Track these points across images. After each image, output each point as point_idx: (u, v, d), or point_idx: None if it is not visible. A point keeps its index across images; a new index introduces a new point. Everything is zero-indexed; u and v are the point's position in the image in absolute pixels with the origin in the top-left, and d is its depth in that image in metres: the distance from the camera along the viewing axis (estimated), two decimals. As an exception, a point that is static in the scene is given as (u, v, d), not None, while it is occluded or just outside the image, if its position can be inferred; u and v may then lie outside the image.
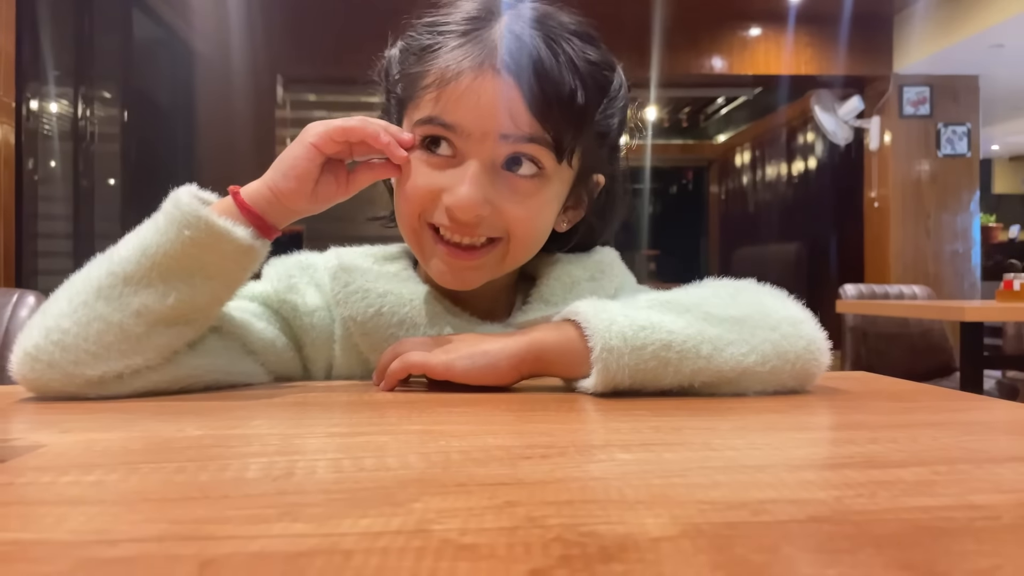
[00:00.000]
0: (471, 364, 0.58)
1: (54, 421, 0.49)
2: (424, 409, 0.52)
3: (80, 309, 0.58)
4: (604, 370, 0.54)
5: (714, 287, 0.65)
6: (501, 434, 0.43)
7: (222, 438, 0.42)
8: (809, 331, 0.60)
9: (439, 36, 0.67)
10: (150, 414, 0.51)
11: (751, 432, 0.45)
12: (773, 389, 0.58)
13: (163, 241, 0.59)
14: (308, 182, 0.64)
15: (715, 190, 8.46)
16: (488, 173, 0.65)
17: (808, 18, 4.93)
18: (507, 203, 0.66)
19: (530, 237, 0.69)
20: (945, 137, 5.18)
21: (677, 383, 0.56)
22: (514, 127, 0.64)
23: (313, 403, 0.56)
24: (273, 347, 0.69)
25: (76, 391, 0.57)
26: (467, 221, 0.65)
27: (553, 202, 0.70)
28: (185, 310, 0.60)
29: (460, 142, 0.65)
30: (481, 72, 0.64)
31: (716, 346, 0.56)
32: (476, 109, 0.64)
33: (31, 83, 3.24)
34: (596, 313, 0.57)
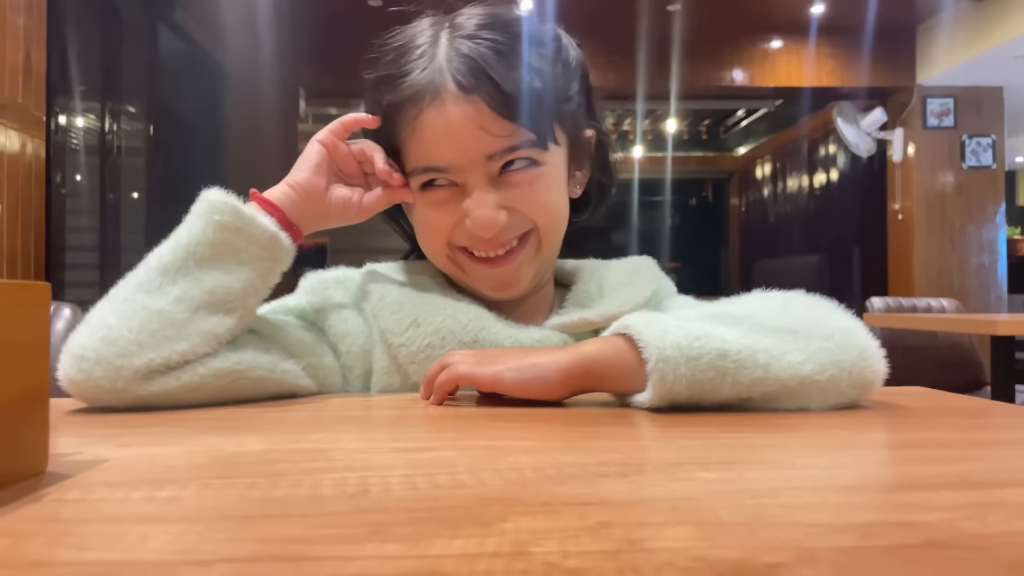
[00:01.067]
0: (520, 377, 0.57)
1: (111, 435, 0.48)
2: (480, 424, 0.51)
3: (121, 305, 0.60)
4: (660, 382, 0.53)
5: (762, 299, 0.64)
6: (568, 451, 0.42)
7: (286, 453, 0.41)
8: (862, 339, 0.59)
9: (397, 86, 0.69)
10: (205, 427, 0.50)
11: (828, 450, 0.43)
12: (834, 400, 0.56)
13: (195, 231, 0.63)
14: (321, 175, 0.69)
15: (735, 202, 8.42)
16: (490, 187, 0.68)
17: (830, 30, 4.90)
18: (519, 199, 0.69)
19: (553, 218, 0.72)
20: (970, 149, 5.12)
21: (735, 394, 0.55)
22: (494, 142, 0.67)
23: (367, 416, 0.55)
24: (313, 351, 0.70)
25: (124, 389, 0.57)
26: (492, 236, 0.69)
27: (557, 178, 0.72)
28: (223, 296, 0.62)
29: (455, 175, 0.69)
30: (440, 102, 0.66)
31: (772, 355, 0.55)
32: (451, 143, 0.67)
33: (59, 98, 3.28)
34: (648, 324, 0.56)
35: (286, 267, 0.67)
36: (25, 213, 2.31)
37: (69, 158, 3.48)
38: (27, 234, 2.32)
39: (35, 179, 2.38)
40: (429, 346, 0.69)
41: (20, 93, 2.29)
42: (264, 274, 0.65)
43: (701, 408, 0.55)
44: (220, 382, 0.60)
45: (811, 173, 6.74)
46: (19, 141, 2.29)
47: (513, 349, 0.63)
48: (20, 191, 2.29)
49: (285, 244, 0.66)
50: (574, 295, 0.77)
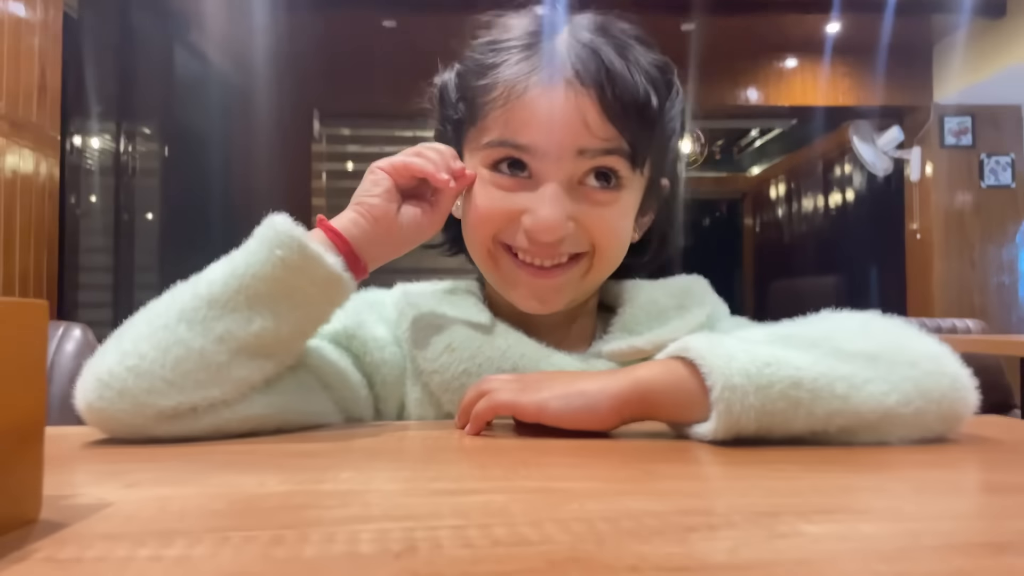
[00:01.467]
0: (566, 405, 0.52)
1: (118, 472, 0.43)
2: (528, 460, 0.45)
3: (160, 332, 0.53)
4: (726, 412, 0.48)
5: (837, 319, 0.57)
6: (638, 495, 0.36)
7: (314, 496, 0.36)
8: (952, 367, 0.52)
9: (501, 53, 0.65)
10: (222, 464, 0.45)
11: (938, 495, 0.38)
12: (918, 435, 0.50)
13: (253, 262, 0.56)
14: (392, 199, 0.62)
15: (749, 222, 8.35)
16: (567, 190, 0.63)
17: (845, 48, 4.86)
18: (588, 217, 0.63)
19: (613, 248, 0.66)
20: (988, 167, 5.06)
21: (809, 428, 0.49)
22: (592, 140, 0.61)
23: (399, 449, 0.50)
24: (347, 382, 0.64)
25: (143, 425, 0.52)
26: (550, 243, 0.62)
27: (630, 211, 0.67)
28: (269, 340, 0.56)
29: (535, 162, 0.63)
30: (551, 85, 0.62)
31: (852, 384, 0.49)
32: (549, 126, 0.61)
33: (75, 119, 3.28)
34: (711, 348, 0.50)
35: (340, 307, 0.61)
36: (38, 232, 2.29)
37: (84, 178, 3.46)
38: (40, 253, 2.29)
39: (48, 198, 2.36)
40: (464, 373, 0.63)
41: (35, 112, 2.27)
42: (316, 318, 0.59)
43: (767, 440, 0.49)
44: (245, 427, 0.55)
45: (827, 192, 6.67)
46: (33, 160, 2.27)
47: (557, 374, 0.57)
48: (34, 210, 2.27)
49: (346, 287, 0.59)
50: (621, 319, 0.70)
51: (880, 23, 4.34)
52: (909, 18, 4.34)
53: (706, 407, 0.49)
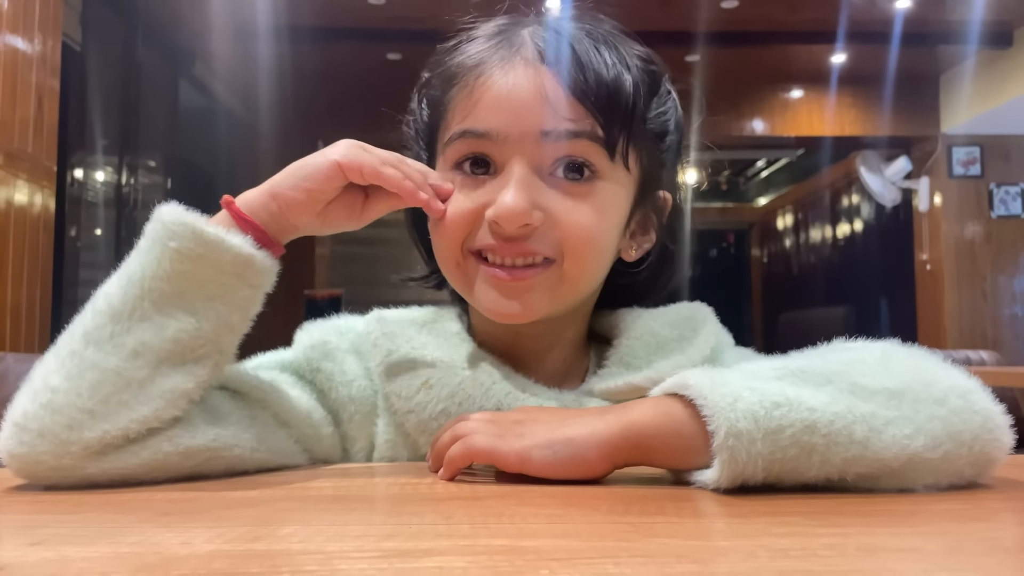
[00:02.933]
0: (551, 455, 0.46)
1: (26, 525, 0.38)
2: (501, 510, 0.40)
3: (68, 361, 0.48)
4: (731, 461, 0.42)
5: (852, 350, 0.51)
6: (622, 557, 0.30)
7: (240, 558, 0.31)
8: (983, 404, 0.46)
9: (463, 46, 0.61)
10: (152, 515, 0.39)
11: (975, 555, 0.32)
12: (947, 482, 0.45)
13: (148, 261, 0.50)
14: (320, 201, 0.55)
15: (757, 253, 8.30)
16: (534, 177, 0.56)
17: (851, 79, 4.85)
18: (559, 209, 0.56)
19: (589, 249, 0.58)
20: (998, 197, 5.01)
21: (825, 475, 0.43)
22: (556, 120, 0.55)
23: (358, 498, 0.44)
24: (308, 420, 0.58)
25: (72, 466, 0.47)
26: (515, 234, 0.55)
27: (612, 209, 0.59)
28: (191, 343, 0.50)
29: (498, 151, 0.57)
30: (511, 66, 0.57)
31: (872, 426, 0.43)
32: (509, 107, 0.56)
33: (77, 152, 3.27)
34: (714, 387, 0.44)
35: (267, 290, 0.54)
36: (32, 264, 2.25)
37: (85, 211, 3.45)
38: (33, 286, 2.26)
39: (44, 230, 2.33)
40: (443, 413, 0.57)
41: (31, 144, 2.25)
42: (241, 306, 0.53)
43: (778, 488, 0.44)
44: (189, 462, 0.50)
45: (834, 223, 6.63)
46: (28, 192, 2.24)
47: (539, 412, 0.51)
48: (28, 242, 2.24)
49: (262, 265, 0.52)
50: (617, 352, 0.63)
51: (886, 53, 4.33)
52: (915, 48, 4.33)
53: (707, 453, 0.44)
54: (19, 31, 2.22)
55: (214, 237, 0.50)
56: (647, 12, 4.01)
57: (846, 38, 4.17)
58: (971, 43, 4.22)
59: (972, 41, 4.19)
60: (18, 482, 0.49)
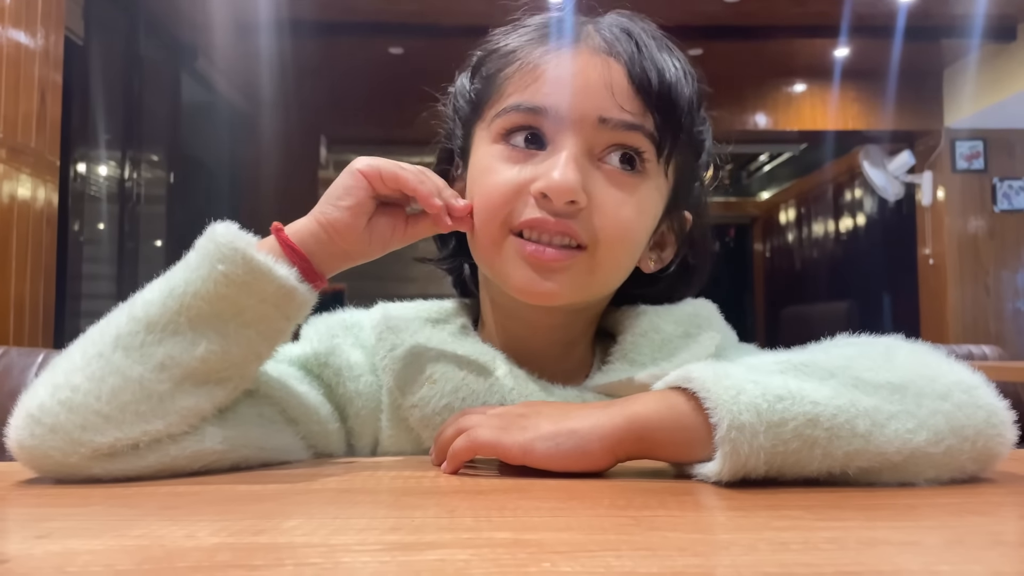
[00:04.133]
0: (554, 447, 0.46)
1: (32, 517, 0.38)
2: (505, 503, 0.40)
3: (94, 362, 0.48)
4: (733, 454, 0.42)
5: (856, 345, 0.51)
6: (624, 550, 0.31)
7: (244, 551, 0.31)
8: (987, 399, 0.46)
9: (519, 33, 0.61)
10: (156, 508, 0.40)
11: (977, 549, 0.32)
12: (948, 477, 0.45)
13: (193, 279, 0.50)
14: (361, 214, 0.55)
15: (759, 248, 8.29)
16: (585, 160, 0.56)
17: (854, 73, 4.84)
18: (604, 196, 0.57)
19: (624, 242, 0.58)
20: (1001, 192, 4.99)
21: (826, 468, 0.43)
22: (615, 110, 0.56)
23: (361, 491, 0.45)
24: (316, 416, 0.59)
25: (78, 464, 0.47)
26: (562, 210, 0.55)
27: (650, 209, 0.60)
28: (217, 365, 0.50)
29: (551, 129, 0.57)
30: (577, 50, 0.58)
31: (875, 420, 0.43)
32: (571, 88, 0.57)
33: (80, 146, 3.27)
34: (717, 380, 0.44)
35: (300, 323, 0.55)
36: (35, 259, 2.26)
37: (88, 206, 3.45)
38: (36, 280, 2.26)
39: (47, 224, 2.33)
40: (447, 408, 0.57)
41: (34, 138, 2.25)
42: (271, 336, 0.53)
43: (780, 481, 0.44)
44: (196, 464, 0.50)
45: (837, 218, 6.62)
46: (31, 186, 2.24)
47: (542, 405, 0.52)
48: (31, 236, 2.24)
49: (302, 299, 0.53)
50: (621, 348, 0.63)
51: (889, 48, 4.31)
52: (919, 42, 4.31)
53: (710, 446, 0.44)
54: (22, 25, 2.22)
55: (263, 265, 0.50)
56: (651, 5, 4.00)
57: (849, 32, 4.16)
58: (975, 37, 4.20)
59: (976, 35, 4.17)
60: (24, 477, 0.49)
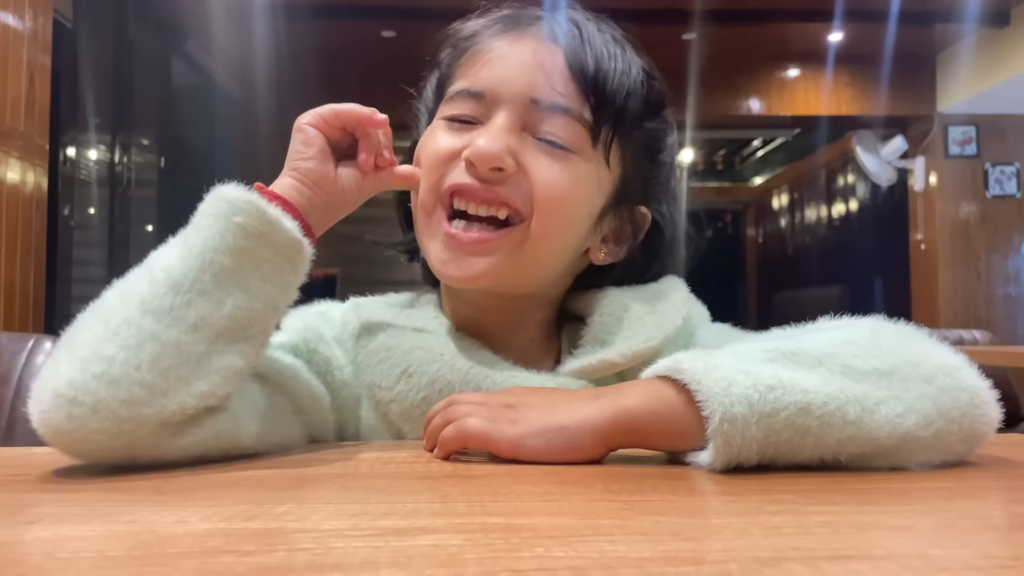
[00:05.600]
0: (545, 444, 0.46)
1: (22, 505, 0.38)
2: (496, 488, 0.40)
3: (123, 330, 0.45)
4: (726, 446, 0.42)
5: (841, 329, 0.51)
6: (616, 535, 0.31)
7: (235, 537, 0.31)
8: (970, 380, 0.47)
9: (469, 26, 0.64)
10: (147, 495, 0.40)
11: (967, 533, 0.32)
12: (939, 459, 0.45)
13: (211, 236, 0.49)
14: (327, 160, 0.58)
15: (752, 233, 8.30)
16: (515, 130, 0.59)
17: (848, 58, 4.82)
18: (534, 163, 0.58)
19: (558, 210, 0.59)
20: (993, 177, 5.00)
21: (818, 456, 0.44)
22: (548, 92, 0.59)
23: (354, 477, 0.44)
24: (319, 405, 0.59)
25: (125, 446, 0.45)
26: (487, 176, 0.57)
27: (585, 185, 0.61)
28: (244, 321, 0.49)
29: (488, 109, 0.60)
30: (519, 38, 0.61)
31: (864, 407, 0.43)
32: (507, 71, 0.60)
33: (69, 130, 3.24)
34: (707, 371, 0.44)
35: (302, 281, 0.54)
36: (25, 243, 2.24)
37: (78, 190, 3.42)
38: (26, 265, 2.25)
39: (37, 209, 2.31)
40: (424, 400, 0.57)
41: (22, 122, 2.23)
42: (286, 291, 0.53)
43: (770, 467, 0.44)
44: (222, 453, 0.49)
45: (830, 203, 6.62)
46: (20, 171, 2.22)
47: (531, 392, 0.51)
48: (20, 221, 2.22)
49: (307, 254, 0.53)
50: (591, 330, 0.63)
51: (883, 32, 4.30)
52: (912, 27, 4.30)
53: (701, 437, 0.44)
54: (9, 8, 2.19)
55: (275, 217, 0.51)
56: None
57: (843, 16, 4.15)
58: (968, 22, 4.19)
59: (969, 20, 4.17)
60: (10, 465, 0.49)
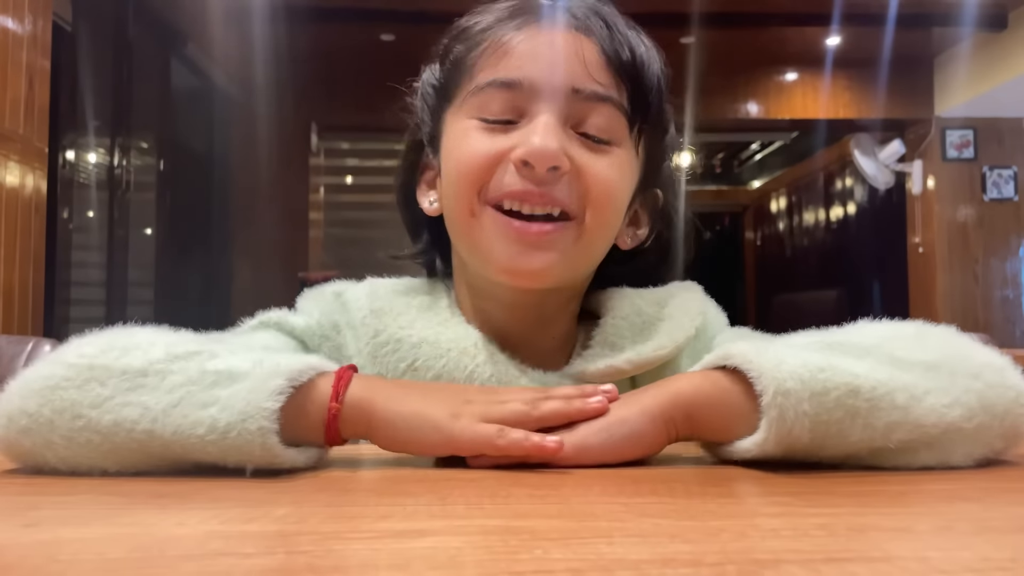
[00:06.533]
0: (608, 439, 0.45)
1: (20, 507, 0.38)
2: (496, 490, 0.40)
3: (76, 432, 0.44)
4: (779, 420, 0.43)
5: (885, 327, 0.52)
6: (615, 537, 0.31)
7: (234, 539, 0.31)
8: (1015, 380, 0.48)
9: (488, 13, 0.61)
10: (146, 497, 0.39)
11: (966, 535, 0.32)
12: (980, 453, 0.46)
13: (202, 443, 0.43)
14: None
15: (750, 236, 8.31)
16: (561, 128, 0.56)
17: (846, 62, 4.83)
18: (585, 160, 0.57)
19: (610, 205, 0.58)
20: (991, 181, 5.01)
21: (867, 440, 0.44)
22: (588, 81, 0.57)
23: (353, 479, 0.45)
24: None
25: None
26: (544, 177, 0.54)
27: (627, 175, 0.60)
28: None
29: (525, 101, 0.57)
30: (544, 29, 0.58)
31: (912, 394, 0.44)
32: (545, 60, 0.57)
33: (68, 133, 3.24)
34: (757, 352, 0.45)
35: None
36: (24, 246, 2.24)
37: (77, 193, 3.42)
38: (25, 267, 2.24)
39: (36, 211, 2.31)
40: None
41: (22, 125, 2.23)
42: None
43: (770, 467, 0.44)
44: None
45: (828, 206, 6.63)
46: (19, 173, 2.22)
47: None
48: (20, 223, 2.22)
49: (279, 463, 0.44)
50: (602, 332, 0.62)
51: (881, 36, 4.31)
52: (910, 31, 4.31)
53: (754, 420, 0.44)
54: (8, 11, 2.19)
55: (281, 458, 0.44)
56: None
57: (841, 20, 4.15)
58: (966, 26, 4.20)
59: (967, 24, 4.18)
60: (9, 465, 0.49)
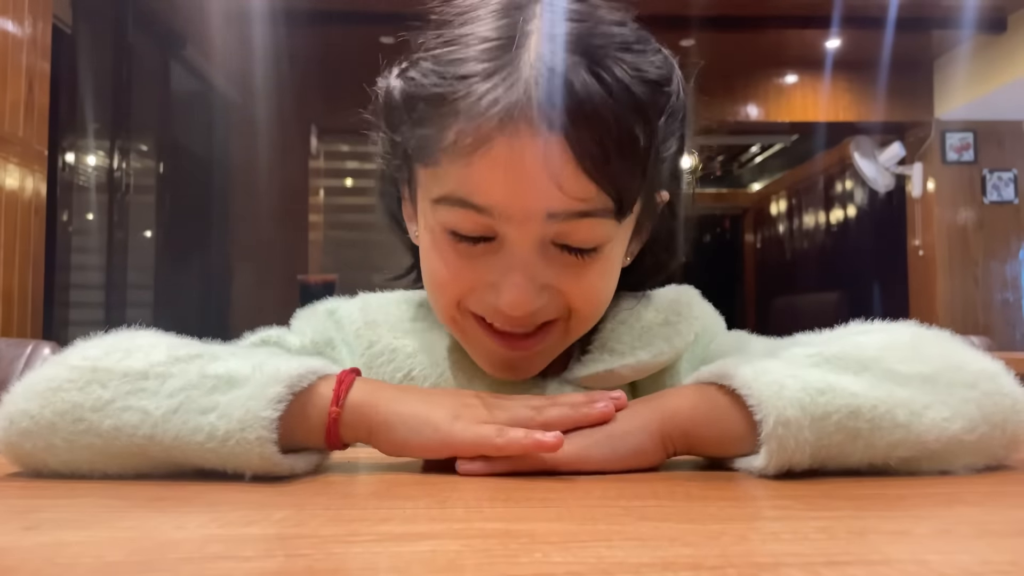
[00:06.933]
0: (611, 452, 0.45)
1: (21, 510, 0.38)
2: (496, 494, 0.40)
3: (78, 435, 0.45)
4: (780, 449, 0.42)
5: (882, 334, 0.50)
6: (615, 541, 0.31)
7: (234, 543, 0.31)
8: (1010, 386, 0.47)
9: (454, 82, 0.50)
10: (145, 500, 0.39)
11: (965, 539, 0.32)
12: (983, 463, 0.46)
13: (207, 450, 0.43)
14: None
15: (750, 239, 8.31)
16: (537, 255, 0.52)
17: (846, 64, 4.84)
18: (565, 282, 0.53)
19: (596, 308, 0.57)
20: (991, 183, 5.02)
21: (868, 459, 0.44)
22: (564, 201, 0.50)
23: (352, 482, 0.44)
24: None
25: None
26: (523, 319, 0.53)
27: (617, 261, 0.57)
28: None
29: (497, 225, 0.51)
30: (515, 129, 0.49)
31: (912, 410, 0.44)
32: (513, 184, 0.49)
33: (68, 136, 3.24)
34: (757, 376, 0.44)
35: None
36: (23, 249, 2.24)
37: (77, 196, 3.42)
38: (25, 270, 2.24)
39: (35, 214, 2.31)
40: None
41: (21, 127, 2.23)
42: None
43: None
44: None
45: (828, 209, 6.63)
46: (19, 176, 2.22)
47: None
48: (19, 226, 2.22)
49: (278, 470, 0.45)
50: (600, 337, 0.61)
51: (880, 39, 4.31)
52: (910, 34, 4.31)
53: (752, 440, 0.44)
54: (9, 14, 2.19)
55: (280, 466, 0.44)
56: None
57: (841, 23, 4.16)
58: (965, 28, 4.21)
59: (966, 26, 4.19)
60: (9, 469, 0.49)
